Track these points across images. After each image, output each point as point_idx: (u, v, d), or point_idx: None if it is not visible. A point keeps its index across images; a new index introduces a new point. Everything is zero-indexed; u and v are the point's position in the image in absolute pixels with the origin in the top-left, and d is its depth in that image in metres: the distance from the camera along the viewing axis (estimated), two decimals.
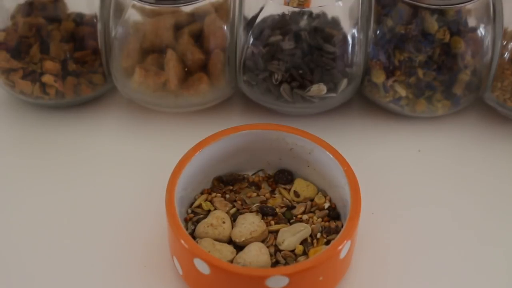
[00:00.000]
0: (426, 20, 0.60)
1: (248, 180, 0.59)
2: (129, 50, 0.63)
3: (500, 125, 0.66)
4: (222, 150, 0.57)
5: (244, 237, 0.53)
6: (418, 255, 0.57)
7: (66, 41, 0.63)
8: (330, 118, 0.66)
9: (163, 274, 0.55)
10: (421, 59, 0.61)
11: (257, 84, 0.63)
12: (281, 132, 0.57)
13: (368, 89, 0.65)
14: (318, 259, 0.50)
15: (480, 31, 0.62)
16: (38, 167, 0.63)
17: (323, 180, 0.57)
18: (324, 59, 0.61)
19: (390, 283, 0.55)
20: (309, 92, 0.62)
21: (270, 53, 0.61)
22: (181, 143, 0.57)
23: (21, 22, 0.62)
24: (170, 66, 0.62)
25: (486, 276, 0.56)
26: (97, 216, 0.59)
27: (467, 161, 0.64)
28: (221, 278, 0.50)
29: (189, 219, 0.56)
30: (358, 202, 0.52)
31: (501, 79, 0.63)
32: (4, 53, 0.63)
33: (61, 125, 0.66)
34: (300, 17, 0.62)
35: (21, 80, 0.63)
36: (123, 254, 0.56)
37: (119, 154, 0.64)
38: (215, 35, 0.62)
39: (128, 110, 0.67)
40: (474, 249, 0.57)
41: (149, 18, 0.61)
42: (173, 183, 0.53)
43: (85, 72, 0.64)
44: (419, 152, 0.64)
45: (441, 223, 0.59)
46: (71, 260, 0.56)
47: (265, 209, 0.56)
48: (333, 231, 0.54)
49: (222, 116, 0.66)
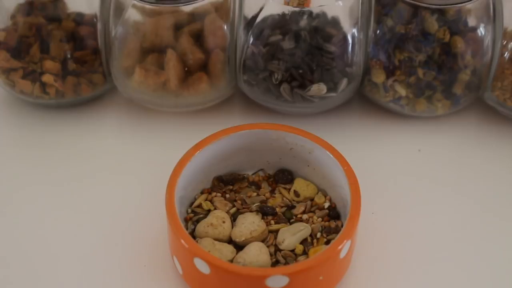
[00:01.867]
0: (426, 20, 0.60)
1: (248, 179, 0.59)
2: (129, 49, 0.63)
3: (500, 125, 0.66)
4: (222, 149, 0.57)
5: (244, 236, 0.53)
6: (418, 255, 0.57)
7: (66, 40, 0.63)
8: (330, 118, 0.66)
9: (163, 274, 0.55)
10: (421, 58, 0.61)
11: (257, 83, 0.63)
12: (281, 131, 0.57)
13: (368, 89, 0.65)
14: (318, 259, 0.50)
15: (480, 31, 0.62)
16: (38, 166, 0.63)
17: (323, 180, 0.57)
18: (324, 59, 0.61)
19: (390, 283, 0.55)
20: (309, 91, 0.62)
21: (270, 52, 0.61)
22: (181, 143, 0.57)
23: (21, 22, 0.62)
24: (170, 65, 0.62)
25: (486, 275, 0.56)
26: (97, 216, 0.59)
27: (467, 161, 0.64)
28: (221, 277, 0.50)
29: (189, 219, 0.56)
30: (358, 202, 0.52)
31: (501, 78, 0.63)
32: (4, 52, 0.63)
33: (61, 125, 0.66)
34: (300, 16, 0.62)
35: (21, 79, 0.63)
36: (123, 254, 0.56)
37: (119, 154, 0.64)
38: (215, 35, 0.62)
39: (128, 110, 0.67)
40: (474, 249, 0.57)
41: (149, 17, 0.61)
42: (173, 183, 0.53)
43: (85, 71, 0.64)
44: (419, 152, 0.64)
45: (441, 222, 0.59)
46: (71, 260, 0.56)
47: (265, 208, 0.56)
48: (333, 231, 0.54)
49: (222, 116, 0.66)
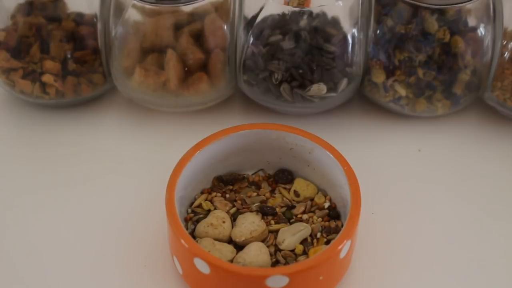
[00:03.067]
0: (426, 20, 0.60)
1: (248, 179, 0.59)
2: (129, 49, 0.63)
3: (500, 125, 0.66)
4: (222, 149, 0.57)
5: (244, 236, 0.53)
6: (418, 255, 0.57)
7: (66, 40, 0.63)
8: (330, 118, 0.66)
9: (163, 274, 0.55)
10: (421, 58, 0.61)
11: (257, 83, 0.63)
12: (281, 131, 0.57)
13: (368, 89, 0.65)
14: (318, 259, 0.50)
15: (480, 31, 0.62)
16: (38, 166, 0.63)
17: (323, 180, 0.57)
18: (324, 59, 0.61)
19: (390, 283, 0.55)
20: (309, 91, 0.62)
21: (270, 52, 0.61)
22: (181, 142, 0.57)
23: (21, 22, 0.62)
24: (170, 65, 0.62)
25: (486, 275, 0.56)
26: (97, 216, 0.59)
27: (467, 161, 0.64)
28: (221, 277, 0.50)
29: (189, 219, 0.56)
30: (358, 202, 0.52)
31: (501, 78, 0.63)
32: (4, 52, 0.63)
33: (61, 125, 0.66)
34: (300, 16, 0.62)
35: (21, 79, 0.63)
36: (123, 254, 0.56)
37: (119, 154, 0.64)
38: (215, 35, 0.62)
39: (128, 110, 0.67)
40: (474, 248, 0.57)
41: (149, 17, 0.61)
42: (173, 183, 0.53)
43: (85, 71, 0.64)
44: (419, 152, 0.64)
45: (441, 222, 0.59)
46: (71, 259, 0.56)
47: (265, 208, 0.56)
48: (333, 231, 0.54)
49: (222, 116, 0.66)
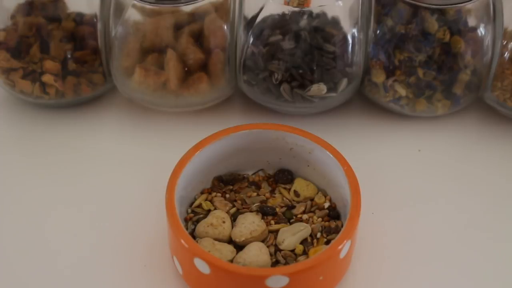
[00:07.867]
0: (426, 20, 0.60)
1: (248, 179, 0.59)
2: (129, 49, 0.63)
3: (500, 125, 0.66)
4: (222, 149, 0.57)
5: (244, 236, 0.53)
6: (418, 254, 0.57)
7: (66, 40, 0.63)
8: (330, 118, 0.66)
9: (163, 274, 0.55)
10: (421, 58, 0.61)
11: (257, 83, 0.63)
12: (281, 131, 0.57)
13: (368, 89, 0.65)
14: (318, 259, 0.50)
15: (480, 31, 0.62)
16: (38, 166, 0.63)
17: (323, 180, 0.57)
18: (324, 59, 0.61)
19: (390, 283, 0.55)
20: (309, 91, 0.62)
21: (270, 52, 0.61)
22: (181, 143, 0.57)
23: (21, 22, 0.62)
24: (170, 65, 0.62)
25: (486, 275, 0.56)
26: (97, 216, 0.59)
27: (467, 161, 0.64)
28: (221, 277, 0.50)
29: (189, 219, 0.56)
30: (358, 202, 0.52)
31: (501, 78, 0.63)
32: (4, 52, 0.63)
33: (61, 125, 0.66)
34: (300, 16, 0.62)
35: (21, 79, 0.63)
36: (123, 254, 0.56)
37: (119, 154, 0.64)
38: (215, 35, 0.62)
39: (128, 110, 0.67)
40: (474, 248, 0.57)
41: (149, 17, 0.61)
42: (173, 183, 0.53)
43: (85, 71, 0.64)
44: (419, 152, 0.64)
45: (441, 222, 0.59)
46: (71, 259, 0.56)
47: (265, 208, 0.56)
48: (333, 231, 0.54)
49: (222, 116, 0.66)
